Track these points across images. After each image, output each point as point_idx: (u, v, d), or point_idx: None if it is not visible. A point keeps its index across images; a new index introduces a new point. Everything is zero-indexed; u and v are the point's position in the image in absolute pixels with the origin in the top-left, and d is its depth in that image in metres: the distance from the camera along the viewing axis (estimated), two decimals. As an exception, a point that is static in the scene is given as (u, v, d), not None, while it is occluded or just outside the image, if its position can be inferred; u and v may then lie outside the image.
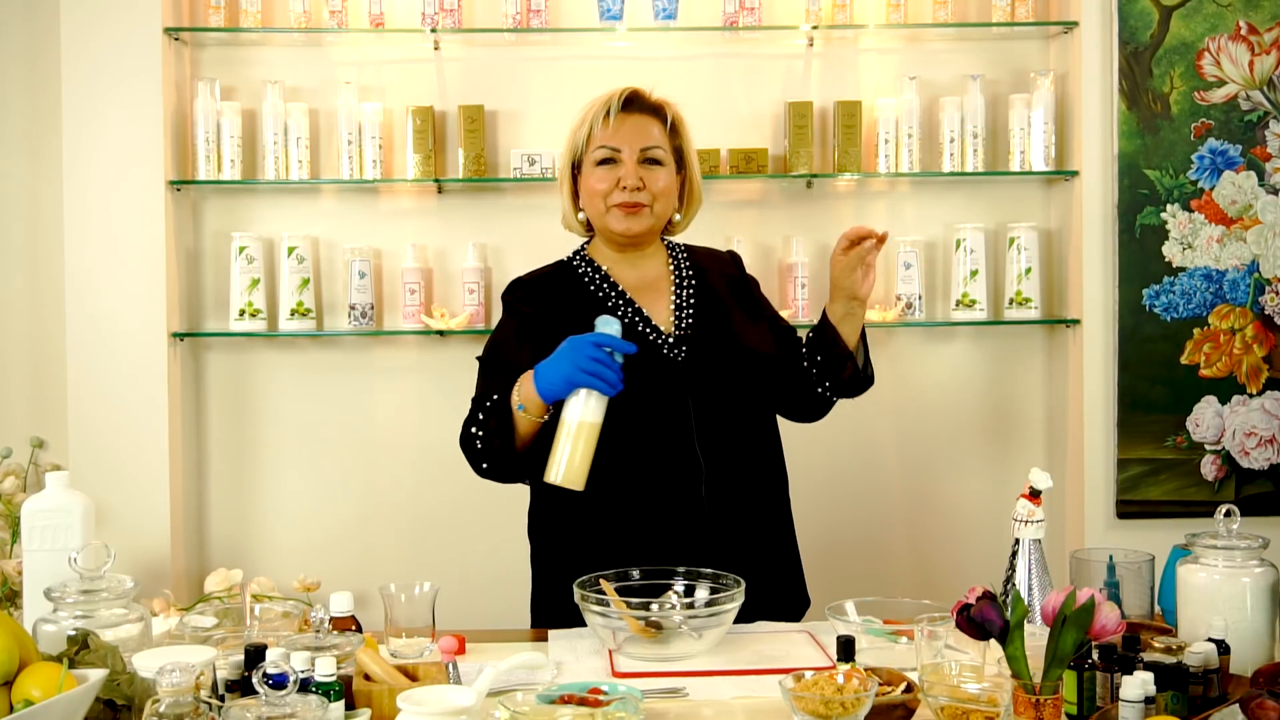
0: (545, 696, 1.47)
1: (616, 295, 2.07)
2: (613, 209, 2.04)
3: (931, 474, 3.25)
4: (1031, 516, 1.84)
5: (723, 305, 2.11)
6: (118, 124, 3.00)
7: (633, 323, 2.04)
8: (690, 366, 2.01)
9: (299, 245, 3.08)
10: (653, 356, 2.01)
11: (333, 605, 1.73)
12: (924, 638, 1.59)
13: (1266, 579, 1.66)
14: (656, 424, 1.98)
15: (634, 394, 1.95)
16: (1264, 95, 3.07)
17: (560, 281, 2.11)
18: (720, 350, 2.04)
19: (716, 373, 2.02)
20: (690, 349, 2.03)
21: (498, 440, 1.91)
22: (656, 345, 2.02)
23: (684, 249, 2.18)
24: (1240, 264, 3.08)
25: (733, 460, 2.01)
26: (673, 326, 2.05)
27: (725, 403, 2.02)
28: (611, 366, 1.80)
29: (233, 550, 3.18)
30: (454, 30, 3.07)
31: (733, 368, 2.04)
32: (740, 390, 2.04)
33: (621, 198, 2.02)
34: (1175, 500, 3.10)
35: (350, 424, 3.19)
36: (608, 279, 2.09)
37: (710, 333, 2.06)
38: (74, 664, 1.44)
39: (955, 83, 3.18)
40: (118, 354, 3.01)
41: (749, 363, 2.06)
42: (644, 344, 2.01)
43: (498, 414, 1.91)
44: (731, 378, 2.03)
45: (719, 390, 2.02)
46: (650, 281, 2.11)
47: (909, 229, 3.19)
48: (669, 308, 2.08)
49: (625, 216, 2.03)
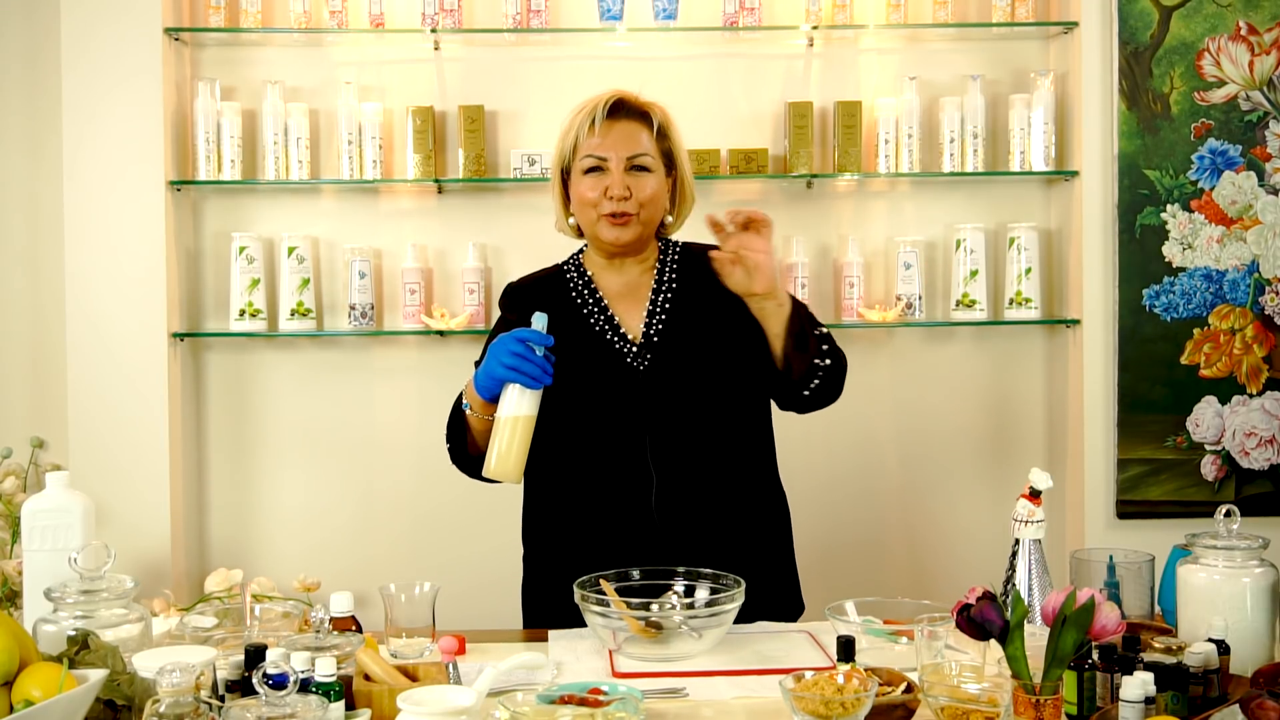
0: (545, 697, 1.47)
1: (594, 303, 2.08)
2: (602, 218, 2.02)
3: (931, 474, 3.25)
4: (1031, 516, 1.84)
5: (704, 310, 2.06)
6: (118, 124, 3.00)
7: (602, 331, 2.05)
8: (651, 376, 2.01)
9: (299, 245, 3.08)
10: (614, 365, 2.02)
11: (333, 605, 1.73)
12: (924, 638, 1.59)
13: (1266, 579, 1.66)
14: (610, 433, 2.00)
15: (591, 402, 2.00)
16: (1264, 95, 3.07)
17: (549, 287, 2.12)
18: (686, 359, 2.02)
19: (677, 382, 2.00)
20: (654, 358, 2.02)
21: (451, 442, 2.04)
22: (620, 353, 2.03)
23: (679, 249, 2.15)
24: (1240, 264, 3.08)
25: (690, 470, 1.99)
26: (640, 334, 2.05)
27: (684, 413, 2.00)
28: (533, 360, 1.82)
29: (233, 550, 3.18)
30: (454, 30, 3.07)
31: (696, 377, 2.01)
32: (702, 400, 2.01)
33: (609, 208, 2.01)
34: (1175, 500, 3.10)
35: (350, 424, 3.19)
36: (590, 285, 2.10)
37: (679, 340, 2.03)
38: (74, 664, 1.44)
39: (955, 83, 3.18)
40: (118, 354, 3.01)
41: (715, 373, 2.02)
42: (608, 352, 2.03)
43: (454, 415, 2.02)
44: (693, 388, 2.01)
45: (678, 400, 2.00)
46: (632, 288, 2.10)
47: (909, 229, 3.19)
48: (642, 314, 2.07)
49: (613, 227, 2.02)
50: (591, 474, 2.01)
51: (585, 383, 2.01)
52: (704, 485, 2.00)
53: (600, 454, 2.01)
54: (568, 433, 2.01)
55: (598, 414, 2.01)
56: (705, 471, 2.01)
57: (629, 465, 1.99)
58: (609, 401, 2.01)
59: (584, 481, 2.02)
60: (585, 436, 2.01)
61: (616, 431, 2.00)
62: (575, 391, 1.99)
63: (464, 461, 2.04)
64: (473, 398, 1.93)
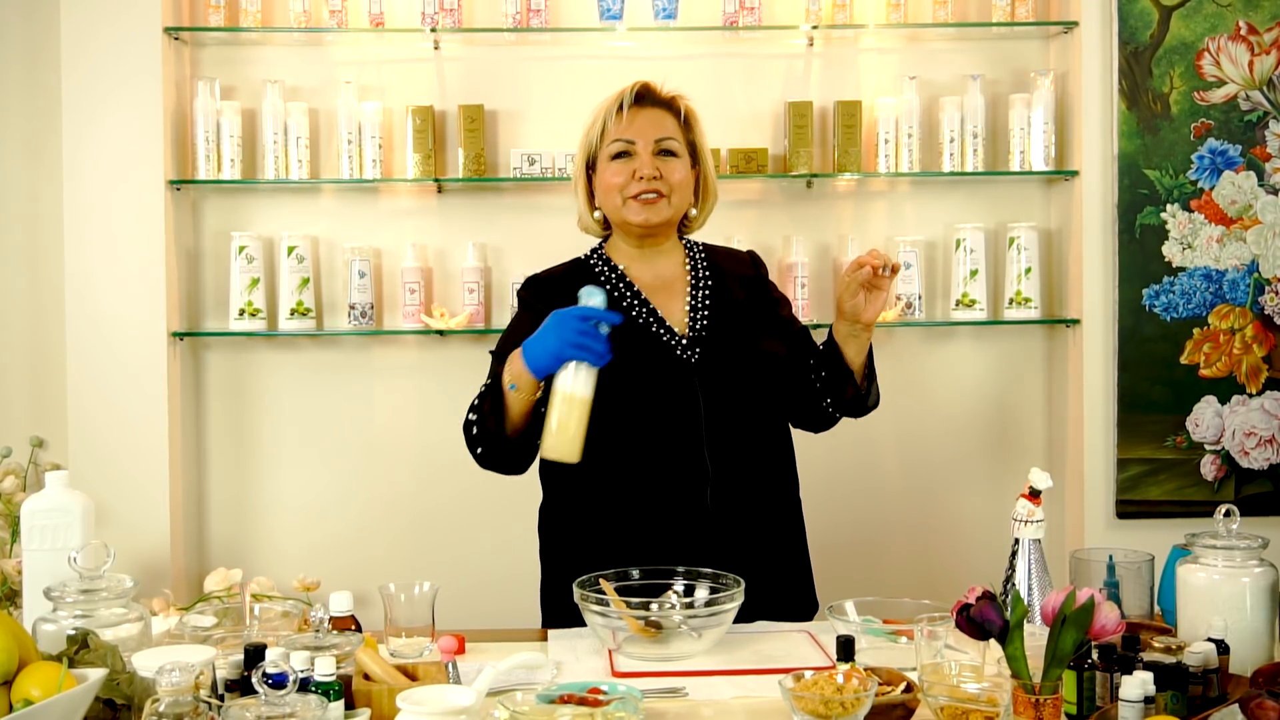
0: (545, 696, 1.47)
1: (632, 295, 2.06)
2: (629, 200, 2.02)
3: (931, 474, 3.25)
4: (1031, 516, 1.84)
5: (738, 307, 2.09)
6: (118, 124, 3.00)
7: (646, 323, 2.03)
8: (703, 369, 2.00)
9: (299, 245, 3.08)
10: (665, 357, 2.00)
11: (332, 605, 1.73)
12: (924, 637, 1.59)
13: (1266, 579, 1.66)
14: (666, 426, 1.98)
15: (645, 394, 1.97)
16: (1264, 95, 3.07)
17: (576, 279, 2.08)
18: (734, 354, 2.03)
19: (729, 376, 2.01)
20: (704, 351, 2.02)
21: (491, 423, 1.91)
22: (670, 346, 2.02)
23: (702, 248, 2.16)
24: (1240, 264, 3.08)
25: (741, 465, 2.00)
26: (687, 328, 2.04)
27: (737, 407, 2.01)
28: (598, 338, 1.79)
29: (232, 550, 3.18)
30: (454, 30, 3.07)
31: (746, 372, 2.02)
32: (752, 395, 2.03)
33: (639, 188, 2.01)
34: (1175, 500, 3.10)
35: (350, 424, 3.19)
36: (624, 278, 2.09)
37: (725, 335, 2.04)
38: (74, 663, 1.44)
39: (955, 83, 3.18)
40: (118, 353, 3.01)
41: (762, 367, 2.04)
42: (656, 344, 2.01)
43: (492, 396, 1.92)
44: (744, 382, 2.02)
45: (731, 394, 2.00)
46: (666, 281, 2.10)
47: (909, 229, 3.19)
48: (684, 308, 2.07)
49: (643, 207, 2.02)
50: (644, 468, 1.97)
51: (635, 375, 1.96)
52: (753, 482, 2.01)
53: (655, 447, 1.97)
54: (617, 424, 1.95)
55: (652, 407, 1.97)
56: (753, 468, 2.02)
57: (684, 460, 1.97)
58: (663, 395, 1.98)
59: (635, 475, 1.97)
60: (638, 429, 1.97)
61: (672, 425, 1.97)
62: (624, 383, 1.95)
63: (498, 452, 1.95)
64: (522, 377, 1.86)
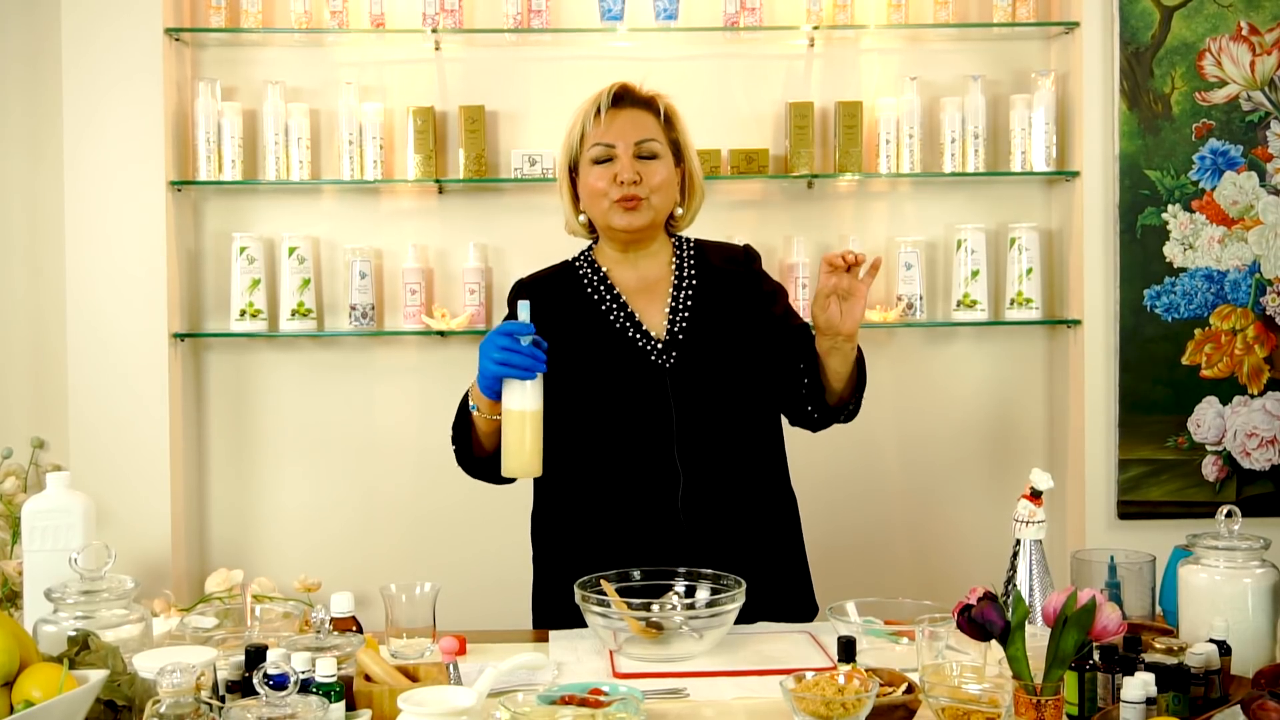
0: (546, 697, 1.47)
1: (611, 298, 2.06)
2: (613, 205, 2.02)
3: (932, 474, 3.25)
4: (1032, 517, 1.84)
5: (722, 308, 2.07)
6: (118, 124, 3.00)
7: (623, 327, 2.03)
8: (676, 372, 2.00)
9: (300, 245, 3.08)
10: (638, 361, 2.01)
11: (333, 606, 1.73)
12: (925, 638, 1.59)
13: (1268, 580, 1.66)
14: (636, 430, 1.98)
15: (616, 398, 1.99)
16: (1265, 96, 3.07)
17: (560, 283, 2.10)
18: (710, 357, 2.01)
19: (703, 380, 2.00)
20: (680, 354, 2.01)
21: (458, 445, 2.00)
22: (644, 350, 2.02)
23: (693, 246, 2.15)
24: (1241, 264, 3.08)
25: (716, 468, 1.99)
26: (665, 331, 2.04)
27: (711, 410, 2.00)
28: (521, 351, 1.79)
29: (233, 551, 3.18)
30: (455, 30, 3.07)
31: (721, 375, 2.01)
32: (727, 399, 2.01)
33: (619, 193, 2.00)
34: (1176, 501, 3.10)
35: (351, 424, 3.19)
36: (605, 280, 2.08)
37: (703, 339, 2.03)
38: (74, 664, 1.44)
39: (956, 83, 3.17)
40: (118, 354, 3.01)
41: (738, 372, 2.03)
42: (631, 349, 2.01)
43: (459, 419, 1.99)
44: (719, 385, 2.01)
45: (705, 397, 2.00)
46: (649, 283, 2.09)
47: (910, 229, 3.19)
48: (664, 311, 2.06)
49: (625, 212, 2.01)
50: (615, 472, 1.99)
51: (608, 379, 1.99)
52: (729, 485, 2.00)
53: (625, 451, 1.98)
54: (589, 429, 1.99)
55: (623, 411, 1.98)
56: (730, 471, 2.01)
57: (655, 463, 1.97)
58: (634, 399, 1.98)
59: (607, 479, 1.99)
60: (609, 434, 1.99)
61: (643, 429, 1.98)
62: (597, 388, 1.98)
63: (474, 466, 2.02)
64: (479, 399, 1.91)
